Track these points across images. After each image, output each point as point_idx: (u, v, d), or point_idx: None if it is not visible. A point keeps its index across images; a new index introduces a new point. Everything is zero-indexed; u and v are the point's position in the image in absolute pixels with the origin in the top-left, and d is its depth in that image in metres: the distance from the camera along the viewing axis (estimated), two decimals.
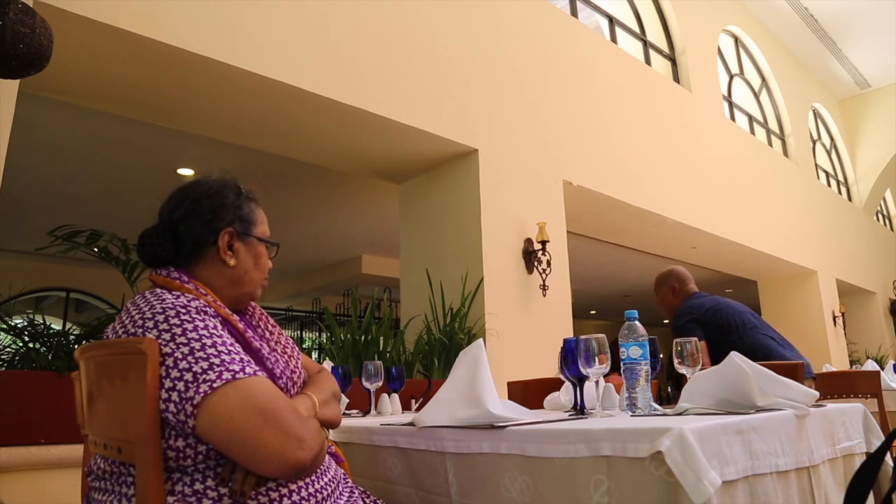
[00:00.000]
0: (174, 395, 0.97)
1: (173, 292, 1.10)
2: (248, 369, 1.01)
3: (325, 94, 3.62)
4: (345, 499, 1.20)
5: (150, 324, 1.03)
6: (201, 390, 0.96)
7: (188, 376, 0.97)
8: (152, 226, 1.22)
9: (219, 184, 1.26)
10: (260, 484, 1.02)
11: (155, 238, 1.19)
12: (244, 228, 1.26)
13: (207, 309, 1.09)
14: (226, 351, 1.02)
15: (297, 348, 1.31)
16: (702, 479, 0.98)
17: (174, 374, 0.98)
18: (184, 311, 1.05)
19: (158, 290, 1.11)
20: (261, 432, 0.95)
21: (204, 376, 0.97)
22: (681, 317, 3.22)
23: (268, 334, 1.27)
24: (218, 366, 0.98)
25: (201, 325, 1.04)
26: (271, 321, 1.33)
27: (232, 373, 0.98)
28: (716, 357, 3.11)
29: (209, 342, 1.02)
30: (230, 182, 1.28)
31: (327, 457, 1.22)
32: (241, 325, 1.15)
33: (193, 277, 1.19)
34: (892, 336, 11.43)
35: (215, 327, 1.06)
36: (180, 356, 0.99)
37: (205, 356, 0.99)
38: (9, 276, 6.25)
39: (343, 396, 2.20)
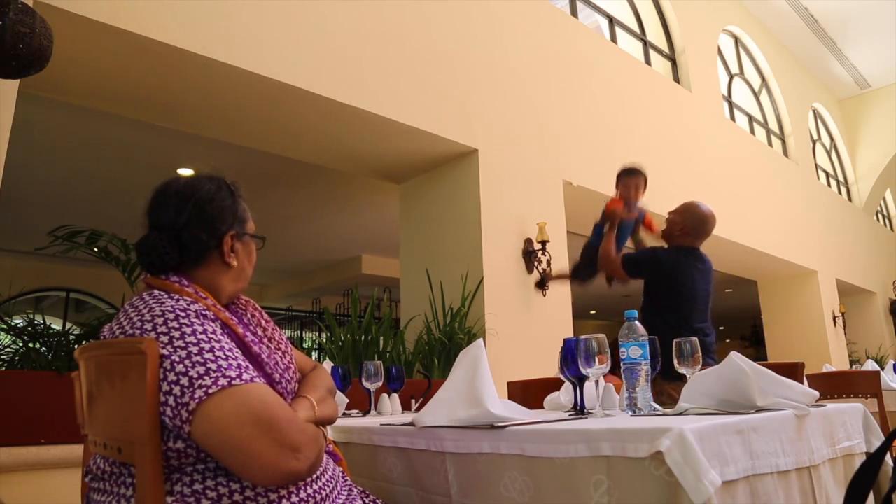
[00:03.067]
0: (171, 400, 0.96)
1: (172, 295, 1.09)
2: (245, 375, 0.99)
3: (325, 94, 3.62)
4: (343, 498, 1.19)
5: (148, 326, 1.02)
6: (196, 396, 0.95)
7: (184, 381, 0.96)
8: (152, 232, 1.19)
9: (214, 185, 1.25)
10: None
11: (160, 246, 1.17)
12: (241, 229, 1.26)
13: (207, 312, 1.08)
14: (223, 356, 1.00)
15: (290, 344, 1.31)
16: (702, 479, 0.98)
17: (171, 377, 0.97)
18: (183, 314, 1.04)
19: (157, 293, 1.10)
20: (255, 442, 0.94)
21: (200, 381, 0.96)
22: (651, 258, 3.12)
23: (260, 331, 1.27)
24: (214, 371, 0.97)
25: (200, 329, 1.03)
26: (265, 316, 1.32)
27: (228, 379, 0.97)
28: (646, 300, 3.10)
29: (207, 346, 1.00)
30: (222, 182, 1.28)
31: (325, 456, 1.21)
32: (240, 330, 1.15)
33: (193, 281, 1.18)
34: (892, 336, 11.43)
35: (214, 332, 1.05)
36: (177, 360, 0.98)
37: (202, 361, 0.98)
38: (9, 276, 6.24)
39: (343, 396, 2.21)
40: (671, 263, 3.04)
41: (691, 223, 3.10)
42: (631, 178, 3.51)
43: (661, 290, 3.07)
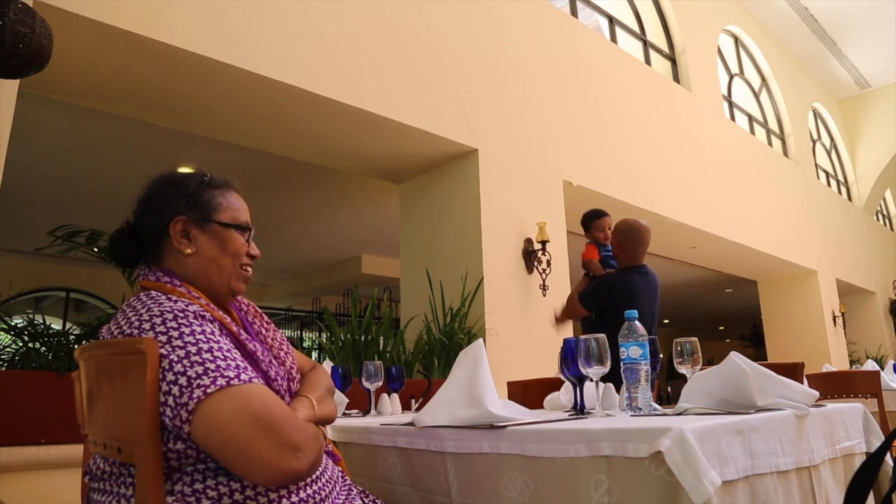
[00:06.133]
0: (170, 400, 0.96)
1: (170, 296, 1.09)
2: (243, 376, 0.99)
3: (325, 93, 3.62)
4: (342, 498, 1.19)
5: (146, 326, 1.02)
6: (195, 396, 0.95)
7: (182, 381, 0.96)
8: (118, 227, 1.23)
9: (180, 176, 1.24)
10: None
11: (119, 239, 1.21)
12: (200, 215, 1.20)
13: (205, 314, 1.08)
14: (222, 356, 1.00)
15: (290, 345, 1.31)
16: (702, 478, 0.98)
17: (169, 377, 0.97)
18: (181, 315, 1.04)
19: (154, 293, 1.09)
20: (255, 442, 0.94)
21: (198, 381, 0.96)
22: (608, 287, 3.25)
23: (263, 331, 1.27)
24: (213, 371, 0.97)
25: (198, 329, 1.03)
26: (265, 318, 1.31)
27: (227, 379, 0.97)
28: (599, 324, 3.20)
29: (205, 347, 1.00)
30: (195, 173, 1.25)
31: (324, 456, 1.21)
32: (235, 329, 1.14)
33: (185, 281, 1.17)
34: (892, 336, 11.43)
35: (212, 332, 1.05)
36: (176, 359, 0.98)
37: (200, 361, 0.98)
38: (9, 276, 6.24)
39: (343, 396, 2.21)
40: (624, 287, 3.20)
41: (623, 239, 3.28)
42: (603, 220, 3.68)
43: (615, 313, 3.16)
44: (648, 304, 3.27)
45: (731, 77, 9.14)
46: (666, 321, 15.71)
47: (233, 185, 1.29)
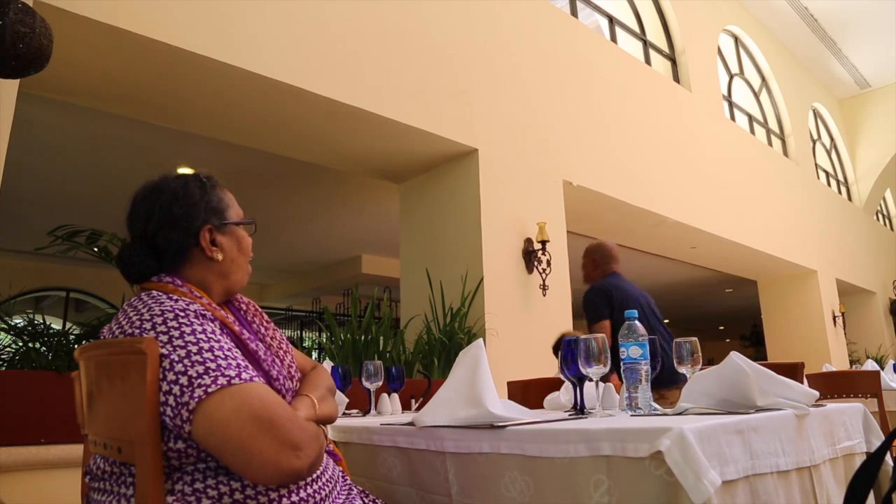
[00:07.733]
0: (170, 400, 0.96)
1: (171, 296, 1.09)
2: (244, 375, 0.99)
3: (324, 93, 3.62)
4: (343, 498, 1.19)
5: (147, 325, 1.02)
6: (196, 395, 0.95)
7: (183, 380, 0.96)
8: (128, 243, 1.19)
9: (180, 183, 1.22)
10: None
11: (135, 255, 1.17)
12: (220, 219, 1.23)
13: (206, 313, 1.08)
14: (223, 356, 1.00)
15: (290, 345, 1.31)
16: (702, 478, 0.98)
17: (170, 376, 0.97)
18: (182, 314, 1.04)
19: (155, 293, 1.09)
20: (256, 440, 0.94)
21: (199, 381, 0.96)
22: (595, 293, 3.46)
23: (263, 330, 1.27)
24: (214, 370, 0.97)
25: (199, 328, 1.03)
26: (265, 317, 1.31)
27: (227, 378, 0.97)
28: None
29: (206, 346, 1.01)
30: (189, 177, 1.25)
31: (325, 456, 1.21)
32: (236, 328, 1.15)
33: (186, 280, 1.17)
34: (892, 336, 11.43)
35: (213, 332, 1.05)
36: (176, 359, 0.98)
37: (201, 360, 0.98)
38: (9, 276, 6.26)
39: (343, 396, 2.21)
40: (606, 286, 3.44)
41: (596, 256, 3.61)
42: None
43: (618, 311, 3.31)
44: (638, 298, 3.41)
45: (731, 77, 9.14)
46: (666, 321, 15.70)
47: (219, 181, 1.30)
